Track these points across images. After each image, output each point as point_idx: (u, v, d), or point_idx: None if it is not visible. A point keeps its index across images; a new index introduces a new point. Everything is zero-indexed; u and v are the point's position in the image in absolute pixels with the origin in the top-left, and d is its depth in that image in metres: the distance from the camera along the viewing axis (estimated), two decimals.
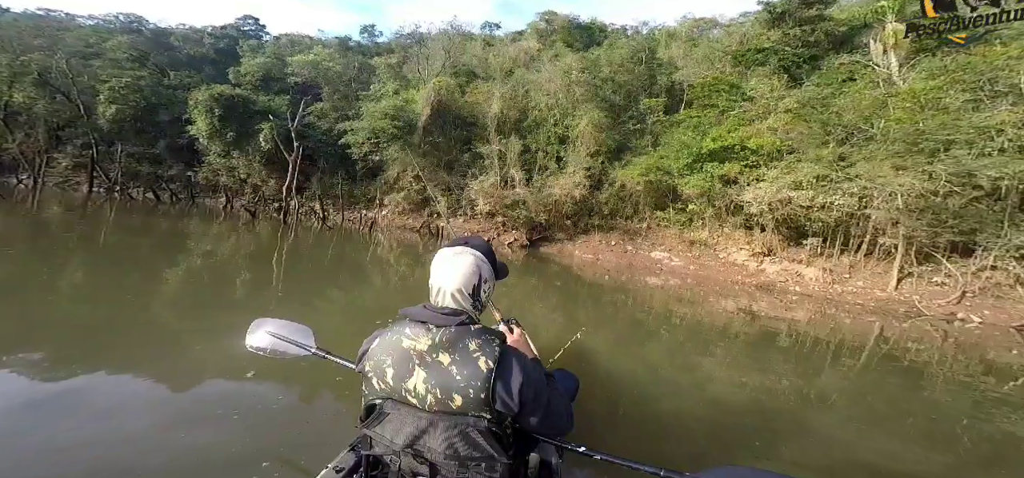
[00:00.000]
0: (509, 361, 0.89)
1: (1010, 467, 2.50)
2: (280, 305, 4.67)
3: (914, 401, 3.48)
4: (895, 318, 6.44)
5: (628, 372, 3.47)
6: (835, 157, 8.22)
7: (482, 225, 11.25)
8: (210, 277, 5.86)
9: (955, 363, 4.54)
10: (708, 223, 9.80)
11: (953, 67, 8.27)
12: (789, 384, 3.59)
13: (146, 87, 14.27)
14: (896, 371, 4.19)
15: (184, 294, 4.92)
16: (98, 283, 5.03)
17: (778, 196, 8.36)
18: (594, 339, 4.14)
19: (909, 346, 5.08)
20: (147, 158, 14.74)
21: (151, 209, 12.82)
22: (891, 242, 7.55)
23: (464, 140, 12.51)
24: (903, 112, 7.71)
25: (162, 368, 2.79)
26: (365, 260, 8.28)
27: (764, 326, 5.67)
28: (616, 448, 1.16)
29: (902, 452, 2.54)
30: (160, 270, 5.81)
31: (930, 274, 7.39)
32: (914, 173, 7.02)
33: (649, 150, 11.08)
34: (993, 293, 6.75)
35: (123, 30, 19.29)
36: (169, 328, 3.76)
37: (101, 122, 13.71)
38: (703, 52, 13.58)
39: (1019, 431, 2.95)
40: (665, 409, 2.88)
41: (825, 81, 10.40)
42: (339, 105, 14.16)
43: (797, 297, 7.60)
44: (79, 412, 2.19)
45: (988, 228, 7.02)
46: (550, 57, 13.75)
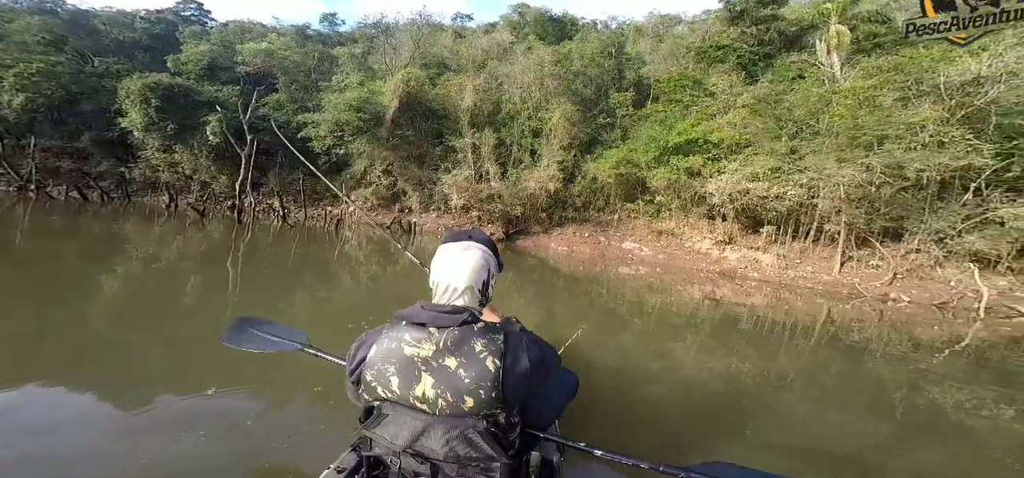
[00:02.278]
0: (514, 351, 0.88)
1: (938, 433, 2.77)
2: (238, 312, 4.26)
3: (858, 377, 3.80)
4: (840, 300, 7.06)
5: (602, 362, 3.50)
6: (787, 150, 8.80)
7: (456, 220, 11.02)
8: (155, 283, 5.24)
9: (890, 340, 4.99)
10: (674, 214, 10.21)
11: (886, 68, 9.08)
12: (751, 367, 3.79)
13: (63, 74, 12.49)
14: (842, 350, 4.57)
15: (124, 302, 4.36)
16: (16, 294, 4.37)
17: (738, 187, 8.84)
18: (572, 332, 4.18)
19: (852, 325, 5.57)
20: (68, 153, 13.04)
21: (77, 210, 11.37)
22: (835, 229, 8.23)
23: (435, 133, 12.12)
24: (844, 109, 8.36)
25: (105, 383, 2.49)
26: (332, 259, 7.81)
27: (727, 311, 6.00)
28: (602, 440, 1.16)
29: (851, 425, 2.76)
30: (93, 277, 5.13)
31: (867, 257, 8.16)
32: (854, 165, 7.67)
33: (619, 143, 11.31)
34: (918, 274, 7.56)
35: (34, 10, 16.75)
36: (108, 340, 3.33)
37: (6, 112, 11.93)
38: (669, 48, 13.99)
39: (942, 400, 3.30)
40: (638, 396, 2.94)
41: (778, 78, 11.07)
42: (298, 96, 13.22)
43: (755, 282, 8.12)
44: (6, 430, 1.93)
45: (913, 215, 7.84)
46: (523, 50, 13.57)
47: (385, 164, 11.67)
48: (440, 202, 11.30)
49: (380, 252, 8.83)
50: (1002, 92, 7.32)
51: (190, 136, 11.76)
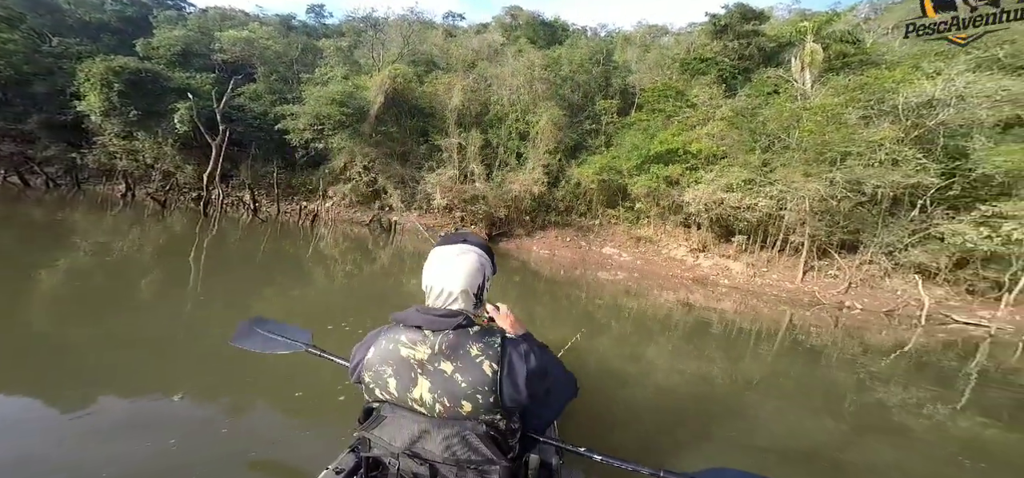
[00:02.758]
0: (511, 357, 0.88)
1: (884, 431, 3.03)
2: (200, 309, 4.09)
3: (815, 379, 4.09)
4: (801, 307, 7.51)
5: (583, 364, 3.61)
6: (760, 163, 9.24)
7: (439, 219, 10.95)
8: (105, 277, 4.90)
9: (844, 345, 5.38)
10: (653, 221, 10.53)
11: (853, 86, 9.70)
12: (720, 370, 4.01)
13: (15, 53, 11.57)
14: (802, 353, 4.89)
15: (69, 298, 4.02)
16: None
17: (713, 197, 9.21)
18: (556, 335, 4.25)
19: (811, 331, 5.96)
20: (11, 136, 12.03)
21: (15, 196, 10.59)
22: (799, 240, 8.74)
23: (421, 131, 11.99)
24: (814, 124, 8.87)
25: (50, 385, 2.34)
26: (306, 256, 7.57)
27: (699, 316, 6.28)
28: (582, 440, 1.19)
29: (809, 425, 2.98)
30: (31, 269, 4.68)
31: (826, 268, 8.71)
32: (819, 179, 8.16)
33: (603, 150, 11.55)
34: (869, 284, 8.15)
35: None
36: (54, 340, 3.10)
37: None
38: (655, 58, 14.37)
39: (888, 400, 3.60)
40: (619, 397, 3.06)
41: (755, 92, 11.59)
42: (276, 87, 12.75)
43: (726, 289, 8.51)
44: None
45: (867, 228, 8.42)
46: (514, 52, 13.63)
47: (366, 160, 11.44)
48: (422, 201, 11.19)
49: (357, 250, 8.66)
50: (950, 115, 7.98)
51: (155, 123, 11.13)
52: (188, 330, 3.50)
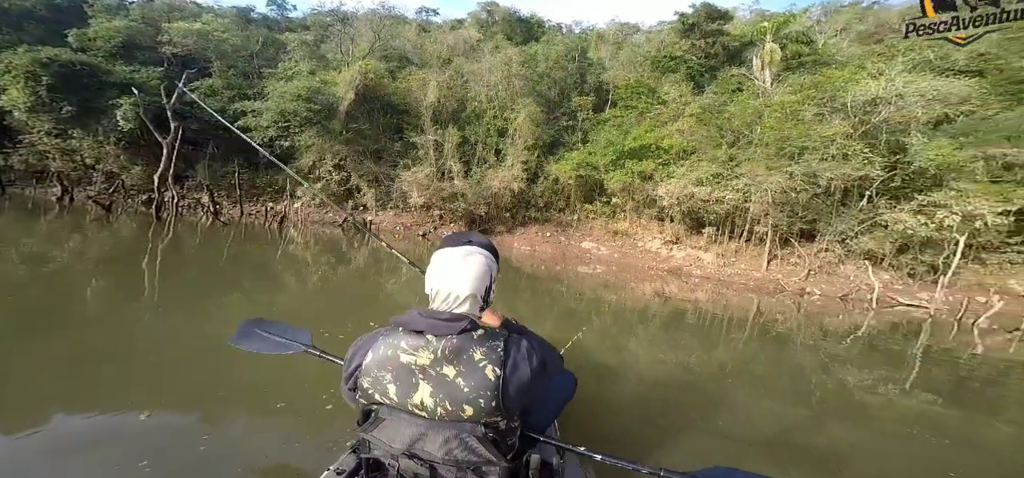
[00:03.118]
0: (515, 359, 0.87)
1: (844, 411, 3.17)
2: (160, 319, 3.71)
3: (782, 364, 4.28)
4: (767, 294, 7.92)
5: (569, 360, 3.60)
6: (727, 158, 9.63)
7: (416, 218, 10.64)
8: (45, 288, 4.35)
9: (806, 330, 5.69)
10: (628, 215, 10.76)
11: (808, 85, 10.29)
12: (697, 359, 4.11)
13: None
14: (769, 339, 5.12)
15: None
16: None
17: (684, 191, 9.51)
18: (541, 332, 4.21)
19: (777, 317, 6.28)
20: None
21: None
22: (763, 230, 9.20)
23: (395, 128, 11.57)
24: (774, 121, 9.34)
25: None
26: (274, 259, 7.14)
27: (675, 306, 6.46)
28: (587, 437, 1.17)
29: (779, 409, 3.09)
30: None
31: (788, 256, 9.24)
32: (780, 173, 8.61)
33: (579, 146, 11.64)
34: (826, 270, 8.73)
35: None
36: None
37: None
38: (627, 55, 14.61)
39: (847, 380, 3.83)
40: (602, 390, 3.02)
41: (720, 90, 12.05)
42: (235, 83, 11.89)
43: (698, 279, 8.83)
44: None
45: (823, 218, 9.01)
46: (491, 48, 13.46)
47: (337, 158, 10.92)
48: (398, 200, 10.84)
49: (331, 251, 8.24)
50: (891, 112, 8.64)
51: (95, 120, 10.06)
52: (148, 342, 3.16)
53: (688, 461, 2.15)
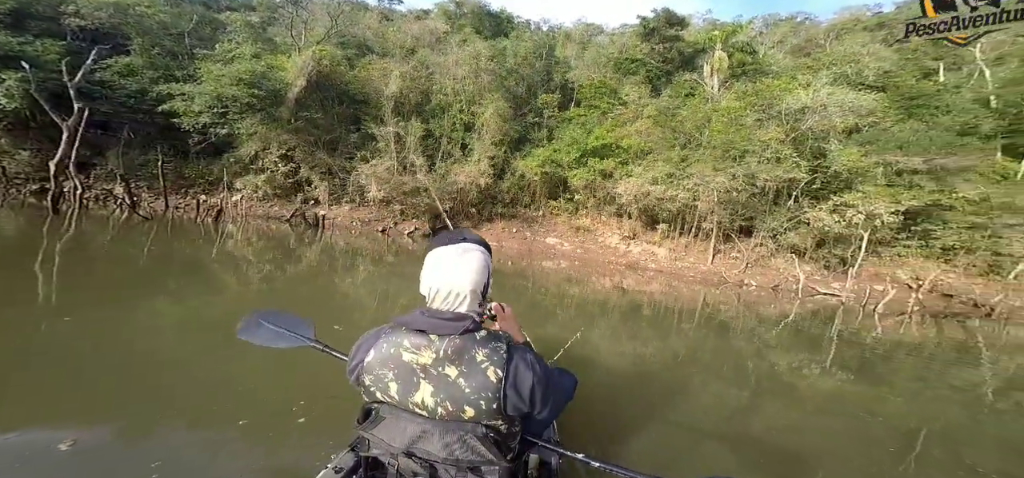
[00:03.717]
0: (517, 365, 0.86)
1: (777, 392, 3.46)
2: (62, 324, 3.08)
3: (726, 351, 4.61)
4: (712, 286, 8.56)
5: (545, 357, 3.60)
6: (679, 159, 10.20)
7: (375, 212, 10.08)
8: None
9: (744, 318, 6.20)
10: (590, 211, 11.07)
11: (749, 93, 11.17)
12: (653, 349, 4.30)
13: None
14: (714, 328, 5.52)
15: None
16: None
17: (641, 189, 9.96)
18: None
19: (720, 307, 6.80)
20: None
21: None
22: (709, 227, 9.91)
23: (352, 119, 10.82)
24: (721, 125, 10.05)
25: None
26: (209, 258, 6.31)
27: (632, 299, 6.75)
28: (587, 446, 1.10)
29: (724, 392, 3.29)
30: None
31: (730, 250, 10.06)
32: (725, 174, 9.30)
33: (545, 143, 11.72)
34: (761, 264, 9.62)
35: None
36: None
37: None
38: (592, 56, 14.89)
39: (778, 364, 4.19)
40: None
41: (675, 93, 12.69)
42: (161, 63, 10.41)
43: (653, 272, 9.32)
44: None
45: (759, 215, 9.91)
46: (459, 41, 13.02)
47: (285, 148, 9.99)
48: (355, 193, 10.18)
49: (277, 248, 7.51)
50: (816, 121, 9.66)
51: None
52: (47, 355, 2.63)
53: (646, 452, 2.22)
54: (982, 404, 3.57)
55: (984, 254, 8.70)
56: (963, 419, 3.23)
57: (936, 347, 5.48)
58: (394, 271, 6.91)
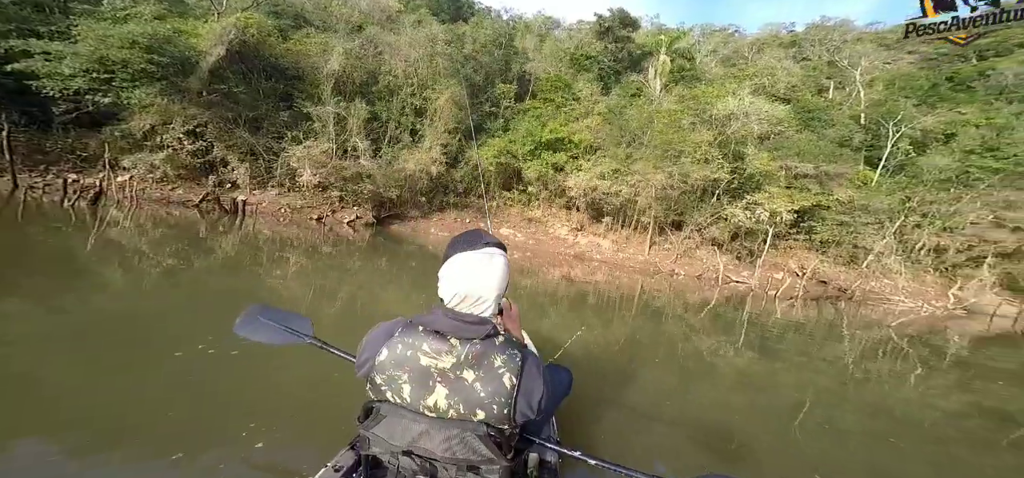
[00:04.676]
0: (531, 373, 0.87)
1: (701, 372, 3.76)
2: None
3: (659, 335, 4.94)
4: (649, 275, 9.26)
5: None
6: (625, 156, 10.77)
7: (308, 199, 9.05)
8: None
9: (674, 304, 6.78)
10: (542, 203, 11.25)
11: (687, 97, 12.08)
12: (597, 335, 4.41)
13: None
14: (650, 314, 5.96)
15: None
16: None
17: (590, 184, 10.35)
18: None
19: (655, 295, 7.39)
20: None
21: None
22: (647, 220, 10.69)
23: (282, 96, 9.48)
24: (661, 126, 10.77)
25: None
26: (84, 250, 4.97)
27: (579, 289, 7.03)
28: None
29: (660, 376, 3.45)
30: None
31: (663, 242, 10.96)
32: (663, 172, 10.04)
33: (501, 133, 11.52)
34: (689, 255, 10.65)
35: None
36: None
37: None
38: (550, 49, 14.87)
39: (701, 347, 4.59)
40: None
41: (623, 93, 13.28)
42: (17, 14, 8.02)
43: (598, 263, 9.81)
44: None
45: (688, 211, 10.93)
46: (413, 21, 12.04)
47: (193, 124, 8.45)
48: (284, 177, 8.97)
49: (182, 238, 6.25)
50: (739, 127, 10.82)
51: None
52: None
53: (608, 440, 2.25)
54: (846, 373, 4.35)
55: (847, 247, 10.59)
56: (834, 386, 3.90)
57: (814, 326, 6.57)
58: (332, 263, 6.33)
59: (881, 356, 5.12)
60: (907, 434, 2.94)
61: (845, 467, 2.35)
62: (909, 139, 12.07)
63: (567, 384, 1.23)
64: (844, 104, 15.09)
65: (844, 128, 13.01)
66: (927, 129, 12.08)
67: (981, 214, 9.25)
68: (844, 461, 2.43)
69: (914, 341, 6.17)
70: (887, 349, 5.49)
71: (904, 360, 5.01)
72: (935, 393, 3.98)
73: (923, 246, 9.99)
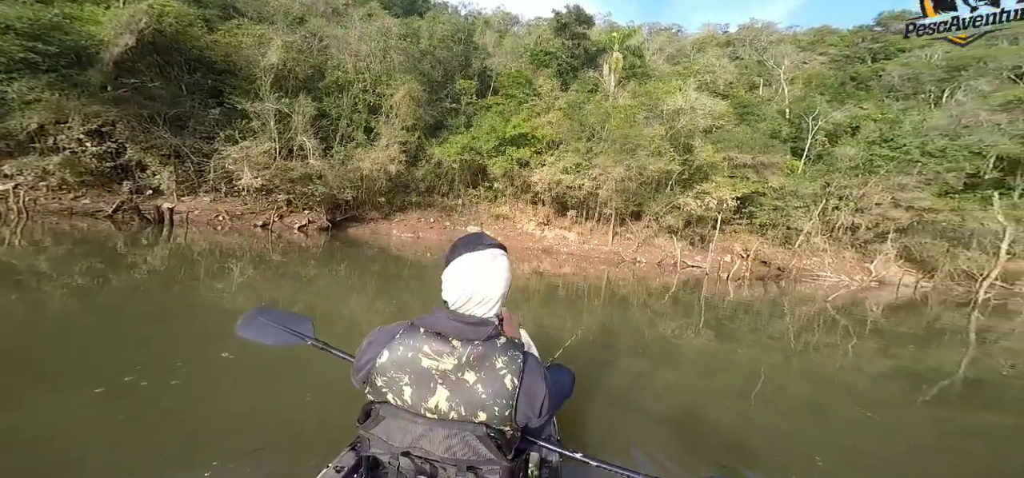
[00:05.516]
0: (532, 374, 0.86)
1: (666, 356, 3.82)
2: None
3: (625, 323, 5.01)
4: (613, 265, 9.53)
5: None
6: (586, 150, 10.99)
7: (251, 204, 8.10)
8: None
9: (637, 291, 6.98)
10: (509, 199, 11.15)
11: (641, 93, 12.61)
12: (572, 324, 4.40)
13: None
14: (616, 303, 6.05)
15: None
16: None
17: (554, 178, 10.43)
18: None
19: (620, 283, 7.59)
20: None
21: None
22: (609, 212, 11.04)
23: (211, 91, 8.39)
24: (618, 122, 11.13)
25: None
26: None
27: (549, 282, 7.02)
28: None
29: (628, 362, 3.45)
30: None
31: (625, 233, 11.39)
32: (622, 165, 10.40)
33: (463, 130, 11.20)
34: (649, 243, 11.16)
35: None
36: None
37: None
38: (510, 45, 14.74)
39: (665, 331, 4.75)
40: None
41: (581, 89, 13.55)
42: None
43: (566, 256, 9.91)
44: None
45: (646, 202, 11.45)
46: (363, 15, 11.20)
47: (96, 123, 7.18)
48: (220, 181, 8.01)
49: (94, 255, 5.26)
50: (687, 121, 11.49)
51: None
52: None
53: None
54: (789, 347, 4.74)
55: (782, 229, 11.77)
56: (780, 360, 4.20)
57: (760, 304, 7.15)
58: (284, 272, 5.72)
59: (816, 329, 5.66)
60: (843, 400, 3.21)
61: (795, 436, 2.50)
62: (824, 132, 13.65)
63: (569, 385, 1.19)
64: (772, 100, 16.71)
65: (774, 122, 14.38)
66: (838, 123, 13.73)
67: (883, 196, 10.70)
68: (792, 433, 2.57)
69: (842, 313, 6.94)
70: (820, 322, 6.09)
71: (835, 331, 5.58)
72: (862, 360, 4.44)
73: (841, 225, 11.36)
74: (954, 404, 3.49)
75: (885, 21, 24.23)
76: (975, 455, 2.57)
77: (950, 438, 2.77)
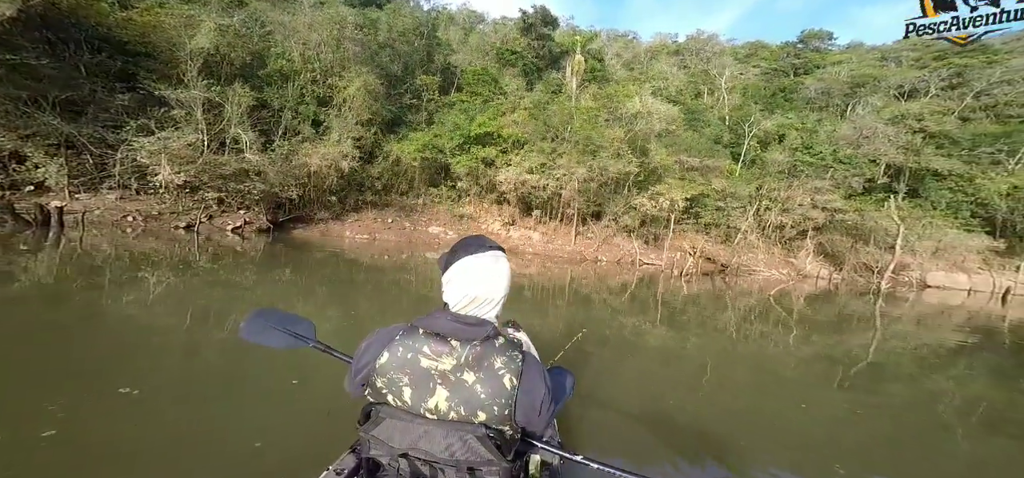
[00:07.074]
0: (531, 374, 0.85)
1: (627, 351, 3.89)
2: None
3: (588, 320, 5.06)
4: (576, 264, 9.77)
5: None
6: (550, 151, 11.14)
7: (171, 203, 7.08)
8: None
9: (599, 289, 7.19)
10: (473, 199, 10.97)
11: (602, 96, 13.06)
12: (540, 324, 4.40)
13: None
14: (579, 300, 6.15)
15: None
16: None
17: (519, 178, 10.44)
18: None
19: (583, 282, 7.78)
20: None
21: None
22: (572, 212, 11.32)
23: (119, 74, 7.21)
24: (581, 123, 11.42)
25: None
26: None
27: (514, 283, 7.04)
28: None
29: (597, 355, 3.56)
30: None
31: (586, 232, 11.74)
32: (584, 166, 10.69)
33: (424, 127, 10.79)
34: (609, 242, 11.60)
35: None
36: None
37: None
38: (475, 42, 14.47)
39: (624, 327, 4.95)
40: None
41: (545, 89, 13.71)
42: None
43: (531, 256, 9.96)
44: None
45: (606, 202, 11.91)
46: (313, 2, 10.28)
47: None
48: (129, 176, 6.96)
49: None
50: (644, 125, 12.12)
51: None
52: None
53: None
54: (734, 336, 5.17)
55: (723, 228, 12.89)
56: (726, 347, 4.54)
57: (707, 298, 7.74)
58: (213, 280, 5.04)
59: (753, 319, 6.23)
60: (778, 382, 3.54)
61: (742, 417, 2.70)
62: (757, 138, 15.19)
63: (569, 386, 1.21)
64: (714, 107, 18.25)
65: (717, 128, 15.71)
66: (768, 130, 15.35)
67: (804, 198, 12.15)
68: (741, 412, 2.79)
69: (773, 304, 7.73)
70: (756, 313, 6.72)
71: (768, 321, 6.19)
72: (791, 346, 4.95)
73: (771, 224, 12.70)
74: (863, 379, 3.98)
75: (806, 38, 27.58)
76: (880, 420, 2.96)
77: (861, 408, 3.15)
